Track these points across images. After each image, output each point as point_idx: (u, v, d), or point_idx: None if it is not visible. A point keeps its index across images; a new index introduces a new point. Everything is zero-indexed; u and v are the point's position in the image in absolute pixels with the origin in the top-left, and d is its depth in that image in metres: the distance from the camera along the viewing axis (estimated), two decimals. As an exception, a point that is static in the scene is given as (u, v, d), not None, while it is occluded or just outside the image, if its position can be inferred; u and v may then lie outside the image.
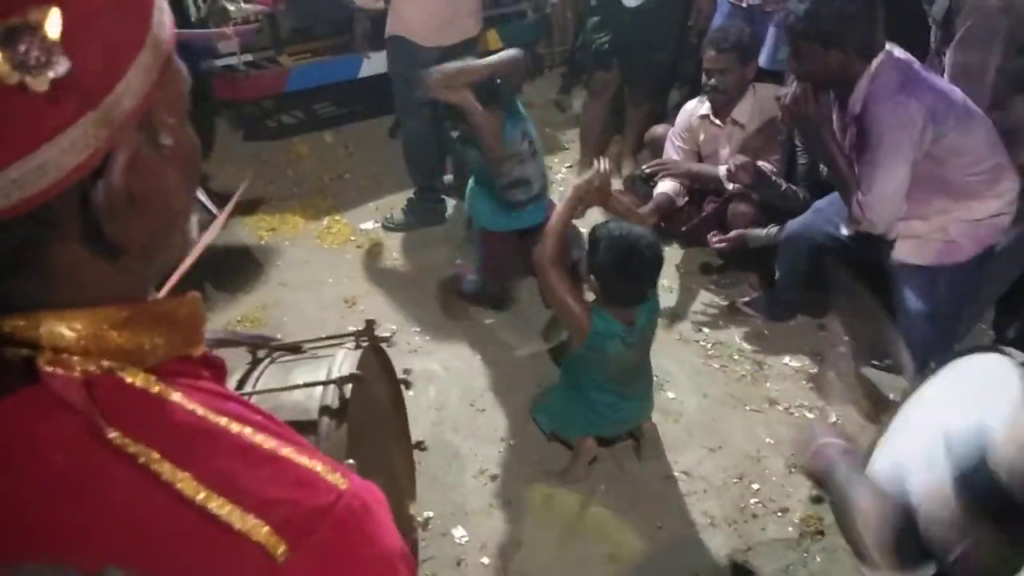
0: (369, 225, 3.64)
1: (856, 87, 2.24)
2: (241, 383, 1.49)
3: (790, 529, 2.29)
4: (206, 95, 4.00)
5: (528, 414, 2.61)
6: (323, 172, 4.04)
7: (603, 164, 2.30)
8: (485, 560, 2.21)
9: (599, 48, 3.63)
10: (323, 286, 3.28)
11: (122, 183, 0.49)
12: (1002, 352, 1.79)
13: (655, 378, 2.51)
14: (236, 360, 1.60)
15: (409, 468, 2.01)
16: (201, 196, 2.83)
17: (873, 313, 2.46)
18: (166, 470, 0.49)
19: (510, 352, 2.92)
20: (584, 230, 2.51)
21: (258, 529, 0.49)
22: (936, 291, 2.35)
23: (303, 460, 0.54)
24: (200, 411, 0.52)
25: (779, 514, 2.34)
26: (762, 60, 3.20)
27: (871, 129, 2.21)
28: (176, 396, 0.52)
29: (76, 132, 0.47)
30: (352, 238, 3.58)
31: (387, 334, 1.72)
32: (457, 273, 3.15)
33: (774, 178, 2.97)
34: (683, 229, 3.27)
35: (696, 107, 3.21)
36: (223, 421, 0.52)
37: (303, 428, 1.36)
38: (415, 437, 2.55)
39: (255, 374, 1.52)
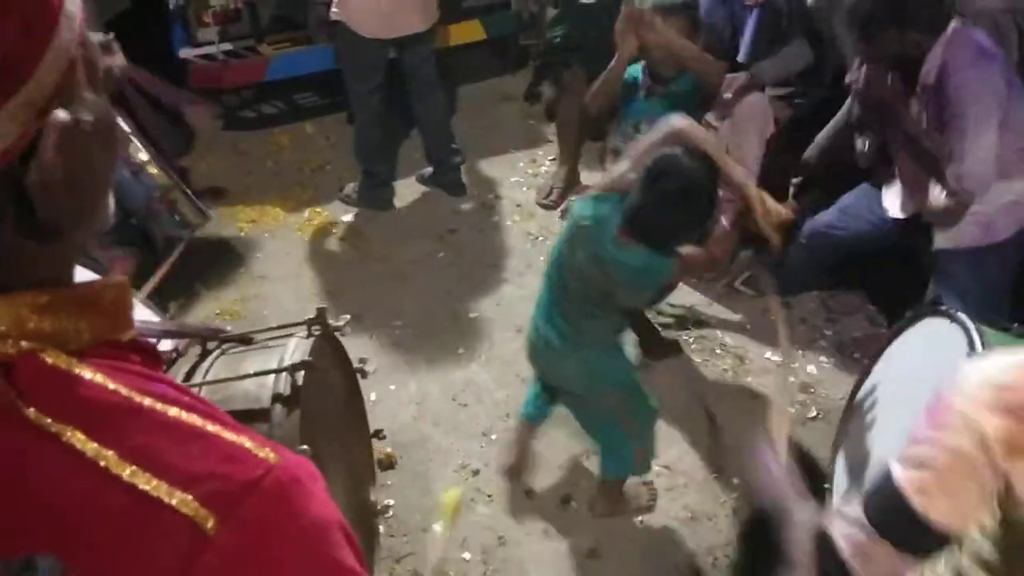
0: (350, 217, 3.61)
1: (925, 60, 2.17)
2: (190, 375, 1.47)
3: (770, 523, 2.29)
4: (182, 83, 3.95)
5: (511, 409, 2.60)
6: (303, 163, 4.00)
7: None
8: (466, 556, 2.21)
9: (553, 43, 3.58)
10: (303, 279, 3.25)
11: (56, 162, 0.49)
12: (950, 317, 1.77)
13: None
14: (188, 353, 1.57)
15: (367, 455, 2.00)
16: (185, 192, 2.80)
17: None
18: (90, 448, 0.48)
19: (493, 346, 2.90)
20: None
21: (187, 503, 0.49)
22: (981, 272, 2.34)
23: (231, 436, 0.54)
24: (124, 391, 0.51)
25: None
26: (740, 55, 3.18)
27: (953, 99, 2.14)
28: (98, 377, 0.51)
29: (3, 116, 0.47)
30: (333, 230, 3.54)
31: (340, 323, 1.70)
32: None
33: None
34: None
35: None
36: (147, 401, 0.52)
37: (255, 416, 1.35)
38: (395, 431, 2.54)
39: (204, 365, 1.50)
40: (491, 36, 4.26)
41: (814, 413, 2.64)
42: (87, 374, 0.51)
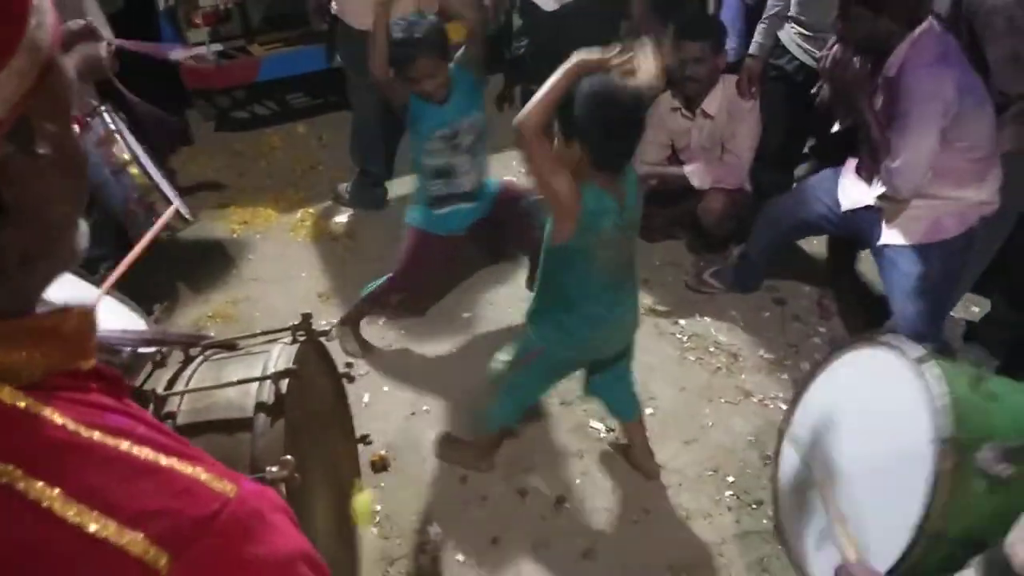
0: (343, 218, 3.59)
1: (895, 50, 2.25)
2: (172, 382, 1.46)
3: (764, 522, 2.29)
4: (177, 84, 3.93)
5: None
6: (296, 163, 3.98)
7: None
8: (460, 557, 2.20)
9: (516, 56, 3.53)
10: (296, 280, 3.24)
11: None
12: (888, 346, 1.83)
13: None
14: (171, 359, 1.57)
15: (353, 462, 1.99)
16: (168, 190, 2.77)
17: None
18: (34, 488, 0.47)
19: (488, 348, 2.89)
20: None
21: (137, 542, 0.47)
22: (927, 268, 2.39)
23: (186, 470, 0.52)
24: (71, 426, 0.50)
25: (753, 507, 2.34)
26: (731, 55, 3.20)
27: (903, 95, 2.22)
28: (46, 411, 0.50)
29: None
30: (326, 230, 3.53)
31: (326, 327, 1.70)
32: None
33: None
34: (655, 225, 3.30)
35: (667, 99, 3.19)
36: (96, 435, 0.50)
37: (238, 426, 1.34)
38: (389, 433, 2.54)
39: (187, 373, 1.49)
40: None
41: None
42: (34, 409, 0.50)
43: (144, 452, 0.51)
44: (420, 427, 2.59)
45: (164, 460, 0.52)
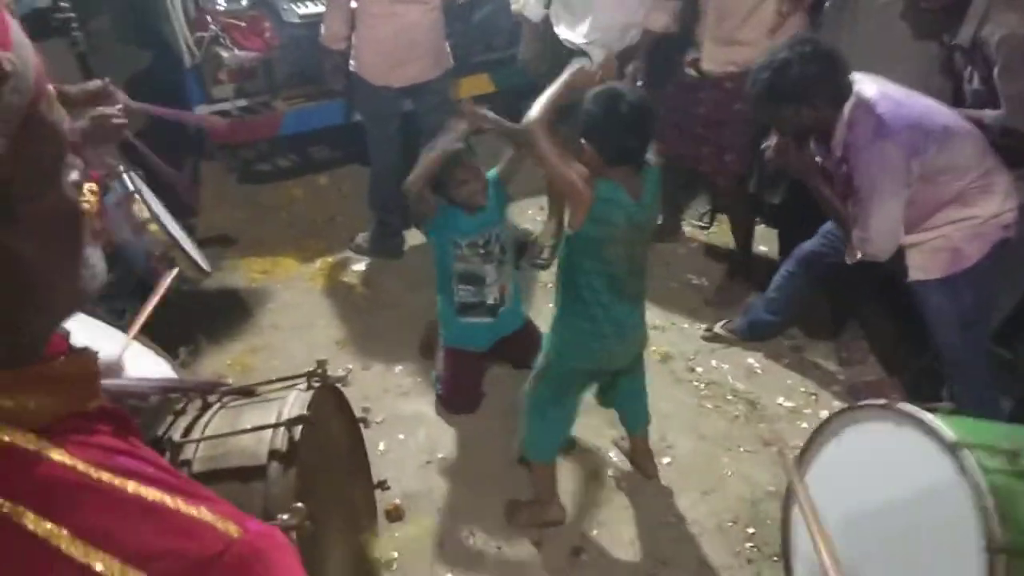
0: (361, 267, 3.64)
1: (834, 133, 2.29)
2: (189, 430, 1.47)
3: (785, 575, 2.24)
4: (200, 139, 4.04)
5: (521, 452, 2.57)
6: (316, 214, 4.05)
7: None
8: (475, 610, 2.16)
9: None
10: (314, 328, 3.26)
11: None
12: (917, 422, 1.71)
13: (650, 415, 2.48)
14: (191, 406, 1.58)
15: (370, 507, 1.98)
16: (192, 250, 2.83)
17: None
18: (43, 529, 0.48)
19: (503, 393, 2.88)
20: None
21: None
22: (959, 299, 2.37)
23: (191, 511, 0.53)
24: (81, 467, 0.51)
25: (775, 559, 2.29)
26: None
27: (855, 172, 2.27)
28: (56, 454, 0.51)
29: None
30: (344, 279, 3.57)
31: (342, 373, 1.72)
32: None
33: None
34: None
35: None
36: (105, 476, 0.52)
37: (252, 474, 1.35)
38: (404, 481, 2.52)
39: (204, 420, 1.50)
40: (500, 88, 4.33)
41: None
42: (46, 451, 0.51)
43: (151, 493, 0.52)
44: (435, 475, 2.57)
45: (170, 501, 0.53)
